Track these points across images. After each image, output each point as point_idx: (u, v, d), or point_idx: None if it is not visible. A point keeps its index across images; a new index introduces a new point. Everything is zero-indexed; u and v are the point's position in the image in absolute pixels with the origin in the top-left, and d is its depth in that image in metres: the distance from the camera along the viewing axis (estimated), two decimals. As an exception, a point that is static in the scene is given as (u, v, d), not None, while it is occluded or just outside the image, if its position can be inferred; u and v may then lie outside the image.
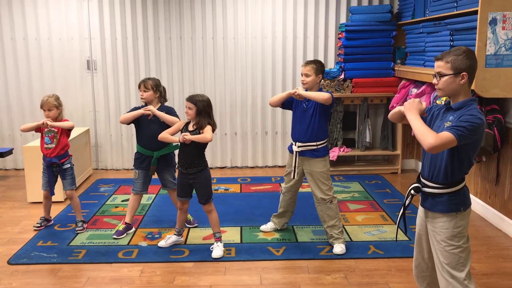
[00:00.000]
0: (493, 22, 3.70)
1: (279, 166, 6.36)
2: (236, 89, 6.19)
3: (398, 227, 2.64)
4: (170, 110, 4.03)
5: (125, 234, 4.08)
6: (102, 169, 6.31)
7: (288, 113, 6.04)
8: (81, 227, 4.19)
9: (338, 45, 5.99)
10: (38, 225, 4.24)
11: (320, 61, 3.73)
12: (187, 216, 4.10)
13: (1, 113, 6.17)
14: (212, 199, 3.76)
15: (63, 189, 4.28)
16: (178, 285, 3.29)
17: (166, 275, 3.42)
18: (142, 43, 6.02)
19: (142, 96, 3.97)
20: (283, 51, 6.10)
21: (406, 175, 5.93)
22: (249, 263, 3.59)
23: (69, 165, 4.18)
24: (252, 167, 6.38)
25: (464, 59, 2.28)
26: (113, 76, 6.08)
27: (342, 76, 5.79)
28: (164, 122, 3.88)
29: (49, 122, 3.99)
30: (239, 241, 3.97)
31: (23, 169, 5.06)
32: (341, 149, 5.98)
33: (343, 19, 6.03)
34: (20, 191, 5.29)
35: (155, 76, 5.16)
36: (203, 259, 3.64)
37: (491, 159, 4.28)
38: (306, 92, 3.64)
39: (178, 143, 3.65)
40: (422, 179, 2.47)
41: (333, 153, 5.83)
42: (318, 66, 3.67)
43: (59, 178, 4.20)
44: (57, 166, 4.11)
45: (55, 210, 4.59)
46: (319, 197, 3.73)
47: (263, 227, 4.18)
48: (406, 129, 5.94)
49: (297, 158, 3.77)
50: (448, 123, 2.29)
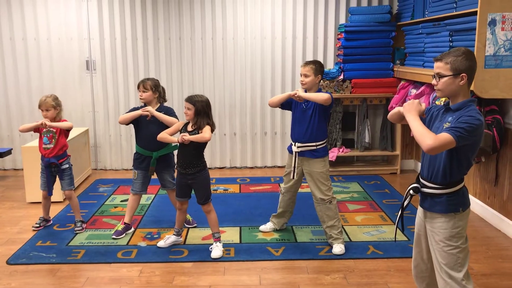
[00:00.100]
0: (493, 23, 3.70)
1: (278, 167, 6.36)
2: (235, 90, 6.18)
3: (397, 228, 2.64)
4: (169, 111, 4.02)
5: (124, 234, 4.08)
6: (101, 169, 6.31)
7: (287, 114, 6.04)
8: (80, 227, 4.19)
9: (338, 46, 5.99)
10: (37, 225, 4.24)
11: (319, 62, 3.73)
12: (186, 216, 4.10)
13: (0, 114, 6.16)
14: (211, 200, 3.76)
15: (61, 189, 4.27)
16: (177, 285, 3.29)
17: (165, 275, 3.42)
18: (142, 44, 6.02)
19: (141, 97, 3.97)
20: (282, 52, 6.10)
21: (405, 176, 5.94)
22: (248, 263, 3.59)
23: (68, 165, 4.18)
24: (251, 168, 6.38)
25: (464, 60, 2.28)
26: (112, 77, 6.08)
27: (342, 77, 5.79)
28: (163, 123, 3.89)
29: (48, 122, 3.98)
30: (238, 241, 3.97)
31: (22, 169, 5.06)
32: (340, 150, 5.98)
33: (343, 20, 6.03)
34: (19, 191, 5.28)
35: (154, 77, 5.16)
36: (202, 259, 3.64)
37: (490, 160, 4.28)
38: (306, 94, 3.64)
39: (177, 144, 3.65)
40: (421, 180, 2.47)
41: (332, 154, 5.83)
42: (317, 67, 3.67)
43: (58, 178, 4.20)
44: (56, 166, 4.11)
45: (54, 210, 4.58)
46: (319, 198, 3.73)
47: (262, 227, 4.18)
48: (405, 130, 5.94)
49: (297, 159, 3.77)
50: (447, 124, 2.29)
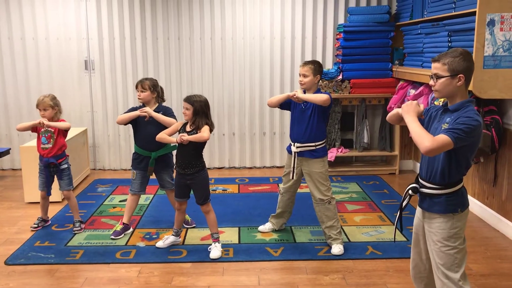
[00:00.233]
0: (491, 23, 3.70)
1: (277, 167, 6.35)
2: (234, 90, 6.18)
3: (396, 228, 2.64)
4: (168, 110, 4.02)
5: (123, 235, 4.07)
6: (100, 170, 6.30)
7: (286, 114, 6.04)
8: (79, 228, 4.18)
9: (336, 46, 5.99)
10: (36, 226, 4.23)
11: (318, 62, 3.73)
12: (185, 217, 4.09)
13: (-1, 113, 6.17)
14: (210, 200, 3.76)
15: (60, 189, 4.27)
16: (176, 286, 3.28)
17: (164, 276, 3.41)
18: (140, 43, 6.01)
19: (140, 97, 3.96)
20: (281, 52, 6.10)
21: (404, 176, 5.94)
22: (247, 264, 3.59)
23: (66, 166, 4.18)
24: (250, 168, 6.37)
25: (461, 61, 2.28)
26: (111, 76, 6.07)
27: (340, 77, 5.79)
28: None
29: (46, 122, 3.98)
30: (237, 242, 3.96)
31: (21, 169, 5.04)
32: (339, 150, 5.98)
33: (341, 20, 6.03)
34: (17, 191, 5.27)
35: (153, 76, 5.15)
36: (201, 260, 3.64)
37: (489, 160, 4.29)
38: (305, 95, 3.64)
39: (176, 144, 3.64)
40: (420, 180, 2.47)
41: (331, 154, 5.83)
42: (316, 67, 3.67)
43: (56, 179, 4.20)
44: (55, 167, 4.10)
45: (53, 211, 4.58)
46: (318, 198, 3.73)
47: (261, 228, 4.18)
48: (404, 130, 5.95)
49: (296, 159, 3.77)
50: (446, 125, 2.30)
